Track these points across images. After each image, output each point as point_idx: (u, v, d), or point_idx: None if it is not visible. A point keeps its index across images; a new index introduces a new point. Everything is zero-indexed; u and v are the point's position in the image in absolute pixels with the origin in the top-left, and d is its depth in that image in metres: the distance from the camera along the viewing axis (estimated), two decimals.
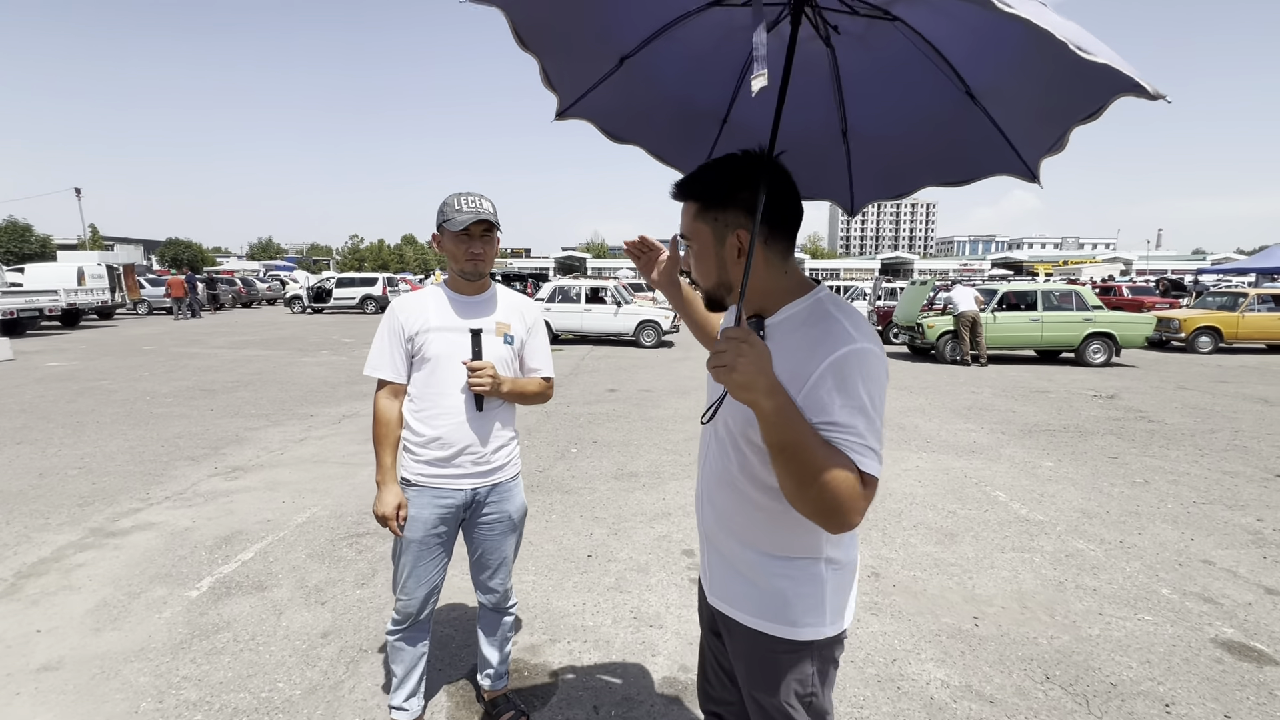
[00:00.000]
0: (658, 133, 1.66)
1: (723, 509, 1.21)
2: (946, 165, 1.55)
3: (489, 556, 2.09)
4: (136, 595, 3.07)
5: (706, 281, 1.17)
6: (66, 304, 16.88)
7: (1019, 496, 4.59)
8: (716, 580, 1.27)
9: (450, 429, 1.91)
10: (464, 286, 1.97)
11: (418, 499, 1.94)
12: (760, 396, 0.93)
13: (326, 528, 3.91)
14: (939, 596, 3.14)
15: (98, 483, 4.69)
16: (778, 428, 0.94)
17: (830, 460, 0.94)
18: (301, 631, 2.77)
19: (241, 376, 9.47)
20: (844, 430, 0.97)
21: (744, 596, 1.21)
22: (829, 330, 1.05)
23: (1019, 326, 11.77)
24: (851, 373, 0.99)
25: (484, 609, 2.21)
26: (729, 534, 1.21)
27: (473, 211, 1.84)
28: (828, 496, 0.94)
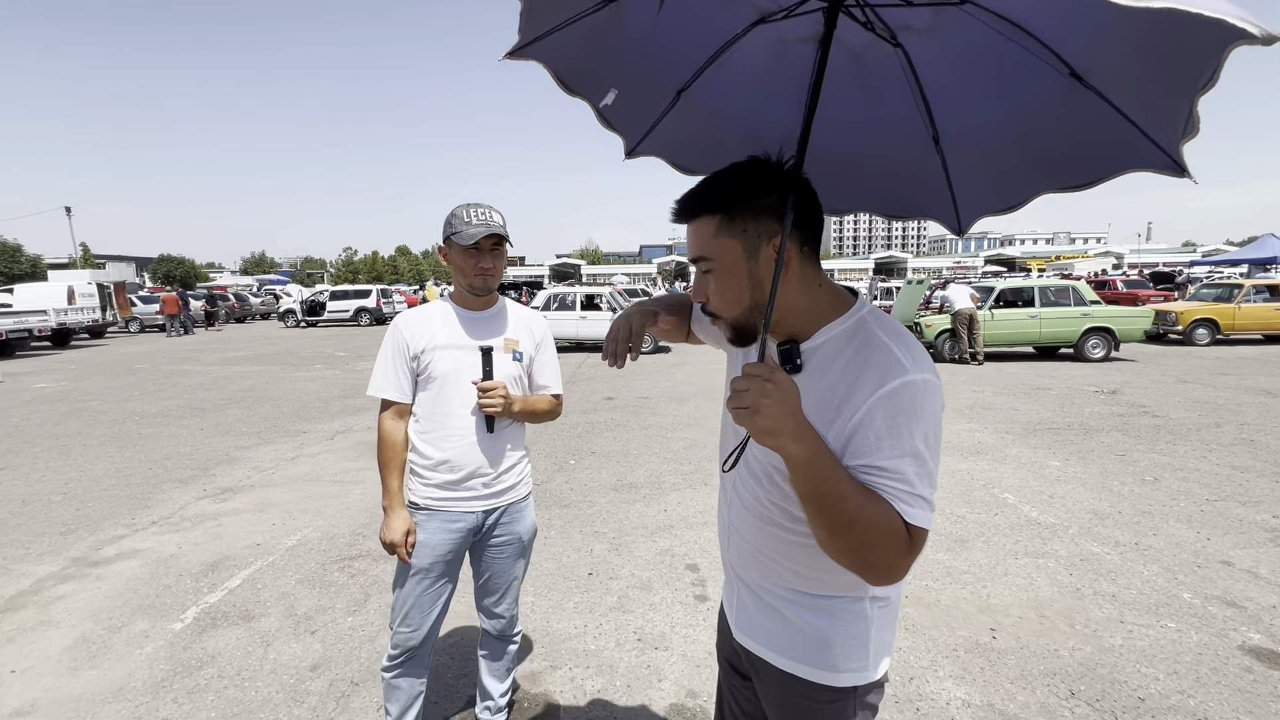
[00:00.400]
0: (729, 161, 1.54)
1: (754, 542, 1.09)
2: (1063, 166, 1.28)
3: (497, 580, 2.00)
4: (117, 630, 2.94)
5: (735, 309, 0.99)
6: (56, 324, 16.71)
7: (1028, 498, 4.49)
8: (745, 617, 1.15)
9: (459, 451, 1.83)
10: (471, 302, 1.90)
11: (426, 524, 1.86)
12: (788, 441, 0.81)
13: (318, 550, 3.78)
14: (953, 608, 3.03)
15: (82, 509, 4.55)
16: (808, 476, 0.83)
17: (869, 510, 0.83)
18: (290, 664, 2.65)
19: (233, 394, 9.33)
20: (889, 476, 0.86)
21: (778, 636, 1.08)
22: (877, 358, 0.91)
23: (1017, 323, 11.70)
24: (904, 410, 0.87)
25: (487, 636, 2.11)
26: (761, 569, 1.09)
27: (483, 224, 1.76)
28: (866, 551, 0.84)
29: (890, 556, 0.84)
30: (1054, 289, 12.07)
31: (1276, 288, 13.58)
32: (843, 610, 1.03)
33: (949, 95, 1.28)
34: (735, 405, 0.81)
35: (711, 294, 1.00)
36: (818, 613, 1.03)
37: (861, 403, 0.88)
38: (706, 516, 4.21)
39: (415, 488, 1.88)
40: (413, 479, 1.89)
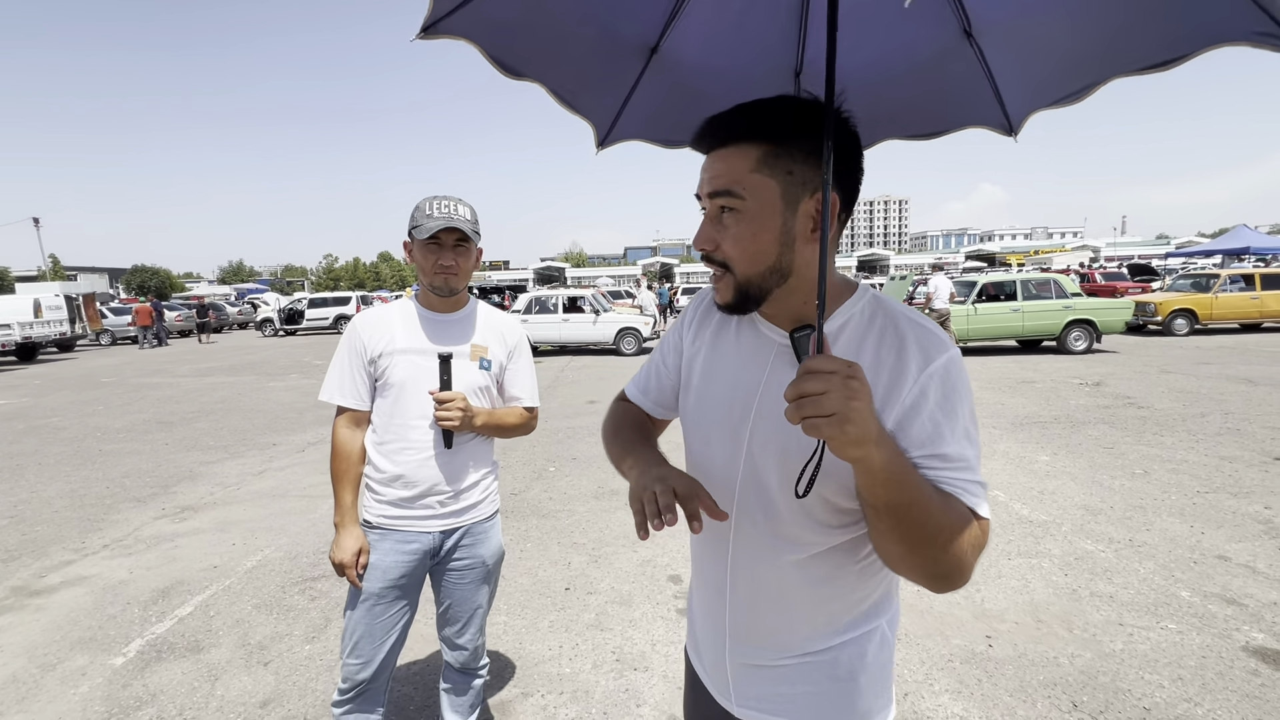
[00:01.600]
0: (569, 65, 1.28)
1: (775, 588, 0.89)
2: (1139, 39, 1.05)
3: (458, 609, 1.82)
4: (51, 667, 2.71)
5: (753, 265, 0.81)
6: (21, 338, 16.19)
7: (1019, 495, 4.39)
8: (749, 686, 0.94)
9: (414, 466, 1.68)
10: (436, 303, 1.73)
11: (379, 544, 1.69)
12: (873, 449, 0.65)
13: (279, 572, 3.57)
14: (947, 614, 2.89)
15: (28, 533, 4.29)
16: (890, 485, 0.69)
17: (949, 514, 0.73)
18: (238, 701, 2.44)
19: (203, 406, 9.02)
20: (956, 467, 0.75)
21: (799, 698, 0.90)
22: (914, 334, 0.79)
23: (1000, 317, 11.71)
24: (955, 388, 0.77)
25: (450, 669, 1.92)
26: (780, 617, 0.89)
27: (443, 218, 1.60)
28: (945, 558, 0.72)
29: (968, 558, 0.73)
30: (1035, 282, 12.10)
31: (1251, 277, 13.75)
32: (867, 640, 0.89)
33: None
34: (810, 414, 0.62)
35: (728, 240, 0.81)
36: (845, 651, 0.89)
37: (911, 383, 0.76)
38: None
39: (369, 504, 1.72)
40: (366, 495, 1.72)
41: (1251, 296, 13.47)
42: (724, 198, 0.81)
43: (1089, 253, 36.89)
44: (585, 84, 1.29)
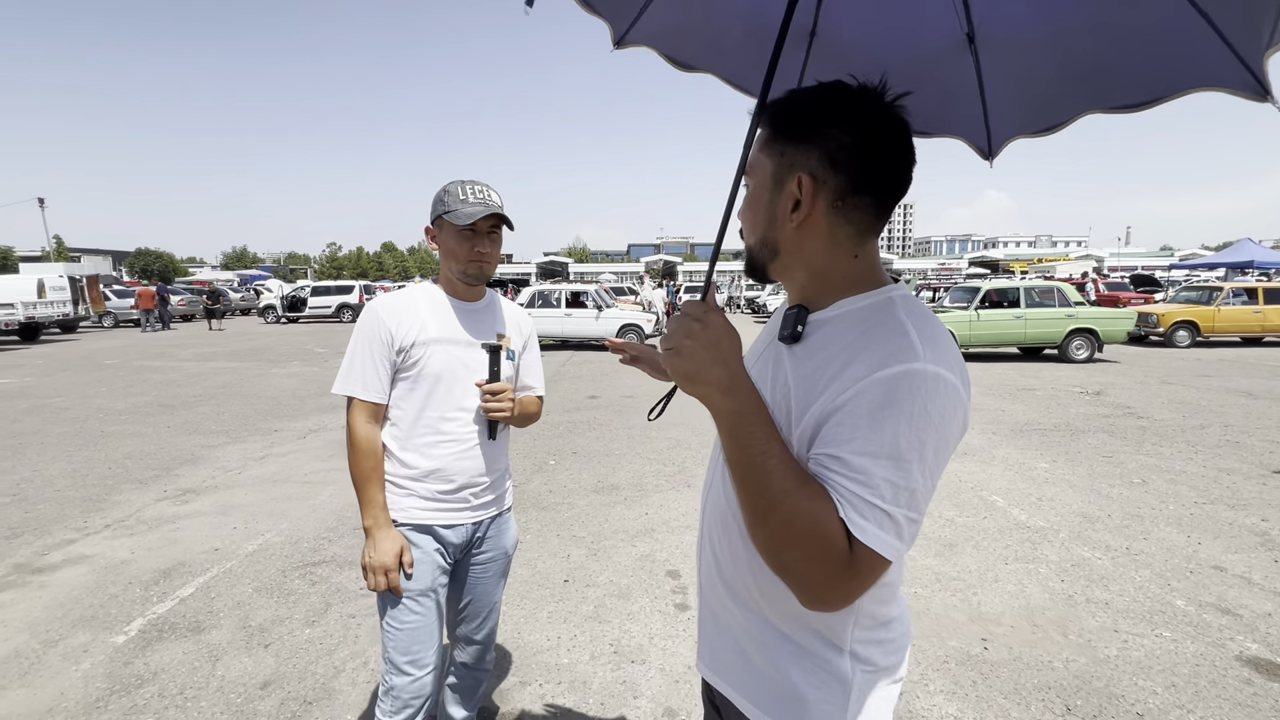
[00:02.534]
0: (733, 54, 1.35)
1: (721, 556, 0.91)
2: (1120, 79, 1.08)
3: (480, 603, 1.76)
4: (54, 643, 2.73)
5: (751, 235, 0.89)
6: (24, 318, 16.20)
7: (1017, 501, 4.40)
8: (711, 648, 0.97)
9: (453, 459, 1.60)
10: (463, 291, 1.67)
11: (418, 541, 1.60)
12: (713, 392, 0.71)
13: (279, 555, 3.59)
14: (943, 616, 2.91)
15: (31, 511, 4.31)
16: (731, 437, 0.71)
17: (797, 500, 0.67)
18: (238, 681, 2.46)
19: (206, 390, 9.04)
20: (846, 473, 0.68)
21: (741, 673, 0.90)
22: (887, 338, 0.73)
23: (1003, 324, 11.71)
24: (898, 403, 0.68)
25: (462, 668, 1.84)
26: (726, 588, 0.91)
27: (481, 203, 1.54)
28: (785, 550, 0.68)
29: (816, 568, 0.67)
30: (1039, 290, 12.10)
31: (1254, 291, 13.75)
32: (816, 663, 0.82)
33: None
34: (663, 345, 0.74)
35: (742, 213, 0.89)
36: (788, 659, 0.84)
37: (850, 384, 0.70)
38: (689, 520, 4.07)
39: (397, 503, 1.59)
40: (394, 496, 1.60)
41: (1254, 310, 13.47)
42: (744, 175, 0.89)
43: (1093, 262, 36.84)
44: (753, 69, 1.34)
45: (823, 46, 1.28)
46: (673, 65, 1.32)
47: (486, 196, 1.56)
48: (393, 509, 1.59)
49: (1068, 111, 1.18)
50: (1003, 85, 1.20)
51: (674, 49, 1.31)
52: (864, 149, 0.77)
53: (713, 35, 1.29)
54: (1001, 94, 1.22)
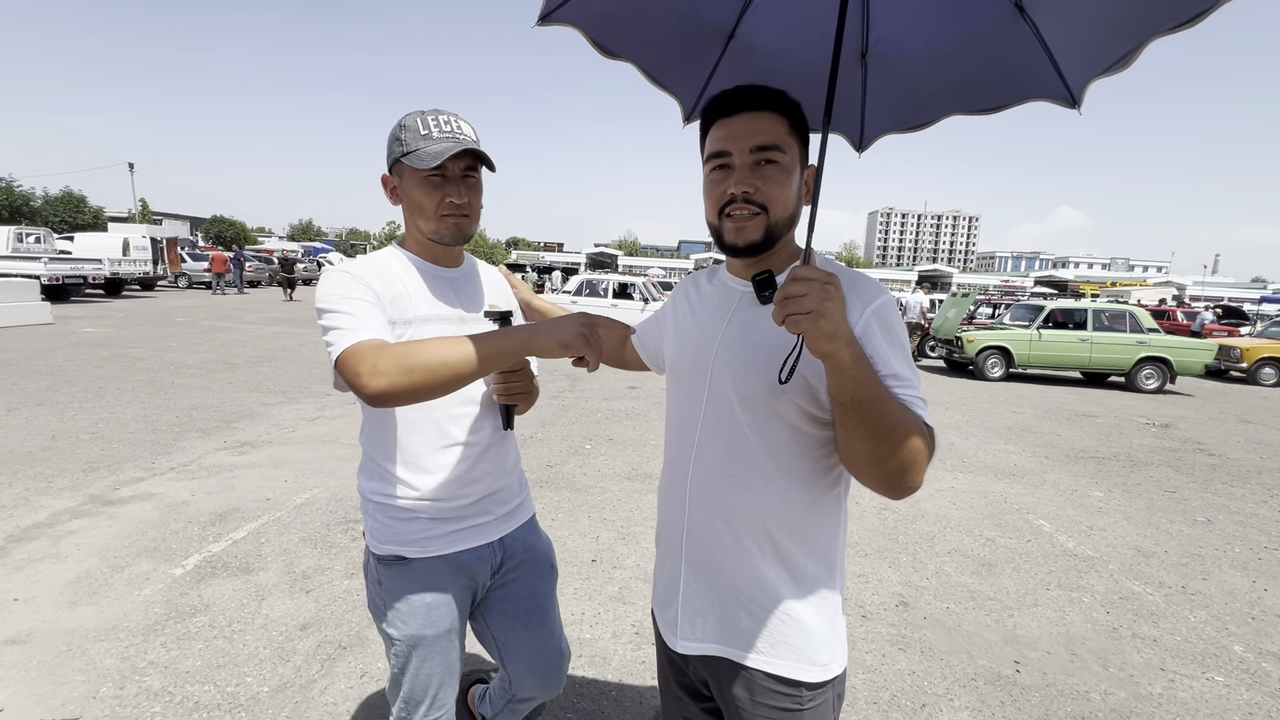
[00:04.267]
0: (656, 46, 1.40)
1: (731, 514, 0.99)
2: (976, 90, 1.34)
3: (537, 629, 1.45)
4: (121, 569, 2.95)
5: (783, 209, 0.96)
6: (110, 273, 17.35)
7: (1065, 527, 4.21)
8: (704, 621, 1.03)
9: (467, 465, 1.29)
10: (441, 255, 1.31)
11: (433, 577, 1.29)
12: (842, 346, 0.78)
13: (324, 510, 3.76)
14: (975, 634, 2.82)
15: (107, 449, 4.64)
16: (859, 380, 0.81)
17: (906, 414, 0.84)
18: (281, 621, 2.60)
19: (266, 352, 9.51)
20: (904, 384, 0.88)
21: (751, 633, 0.98)
22: (856, 282, 0.94)
23: (1066, 346, 11.15)
24: (893, 324, 0.92)
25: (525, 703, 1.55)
26: (736, 548, 0.99)
27: (449, 137, 1.19)
28: (905, 454, 0.83)
29: (922, 459, 0.84)
30: (1109, 313, 11.48)
31: None
32: (823, 587, 0.99)
33: (892, 9, 1.27)
34: (794, 311, 0.76)
35: (770, 185, 0.95)
36: (797, 596, 0.98)
37: (858, 317, 0.90)
38: None
39: (402, 533, 1.27)
40: (393, 522, 1.27)
41: None
42: (772, 150, 0.94)
43: (1173, 289, 34.63)
44: (672, 64, 1.44)
45: (738, 48, 1.38)
46: (596, 49, 1.34)
47: (456, 129, 1.21)
48: (397, 542, 1.27)
49: (936, 113, 1.41)
50: (883, 92, 1.40)
51: (601, 33, 1.32)
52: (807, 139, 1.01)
53: (643, 24, 1.32)
54: (880, 99, 1.42)
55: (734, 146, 0.95)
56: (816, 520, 0.98)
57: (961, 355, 11.66)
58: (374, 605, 1.33)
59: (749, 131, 0.94)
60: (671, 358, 1.16)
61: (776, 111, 0.95)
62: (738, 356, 0.99)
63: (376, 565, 1.30)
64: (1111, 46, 1.14)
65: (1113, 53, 1.14)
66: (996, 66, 1.29)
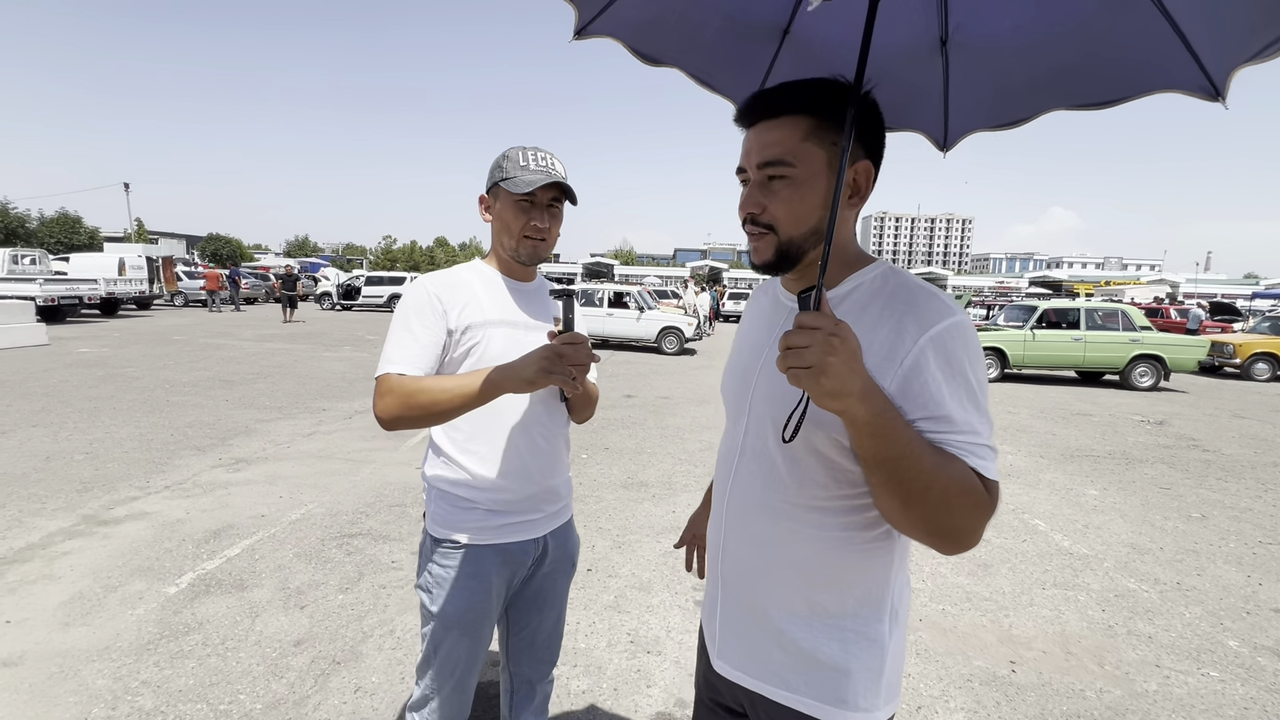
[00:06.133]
0: (703, 50, 1.31)
1: (763, 547, 0.93)
2: (1083, 81, 1.15)
3: (550, 618, 1.58)
4: (114, 589, 2.94)
5: (799, 226, 0.86)
6: (106, 293, 17.33)
7: (1060, 526, 4.22)
8: (739, 644, 0.97)
9: (524, 462, 1.41)
10: (517, 270, 1.46)
11: (477, 566, 1.39)
12: (854, 402, 0.70)
13: (319, 525, 3.76)
14: (971, 635, 2.82)
15: (101, 469, 4.63)
16: (880, 437, 0.73)
17: (945, 471, 0.74)
18: (274, 637, 2.60)
19: (262, 369, 9.51)
20: (957, 430, 0.77)
21: (784, 666, 0.91)
22: (919, 300, 0.82)
23: (1060, 345, 11.20)
24: (958, 352, 0.79)
25: (527, 685, 1.62)
26: (767, 578, 0.92)
27: (542, 171, 1.35)
28: (944, 516, 0.75)
29: (971, 519, 0.76)
30: (1102, 312, 11.54)
31: None
32: (861, 633, 0.89)
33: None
34: (793, 365, 0.69)
35: (778, 204, 0.87)
36: (834, 636, 0.89)
37: (911, 345, 0.79)
38: None
39: (457, 521, 1.40)
40: (452, 510, 1.40)
41: None
42: (776, 166, 0.86)
43: (1166, 287, 34.82)
44: (723, 66, 1.33)
45: (794, 44, 1.26)
46: (639, 58, 1.27)
47: (549, 165, 1.37)
48: (451, 528, 1.40)
49: (1033, 109, 1.23)
50: (969, 85, 1.23)
51: (642, 41, 1.25)
52: (882, 139, 0.89)
53: (687, 29, 1.24)
54: (967, 93, 1.25)
55: (747, 163, 0.89)
56: (857, 559, 0.88)
57: None
58: (422, 584, 1.45)
59: (759, 145, 0.87)
60: (724, 376, 1.09)
61: (796, 114, 0.85)
62: (777, 381, 0.89)
63: (431, 546, 1.43)
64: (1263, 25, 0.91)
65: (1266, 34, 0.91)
66: (1110, 52, 1.08)
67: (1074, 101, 1.18)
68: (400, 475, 4.77)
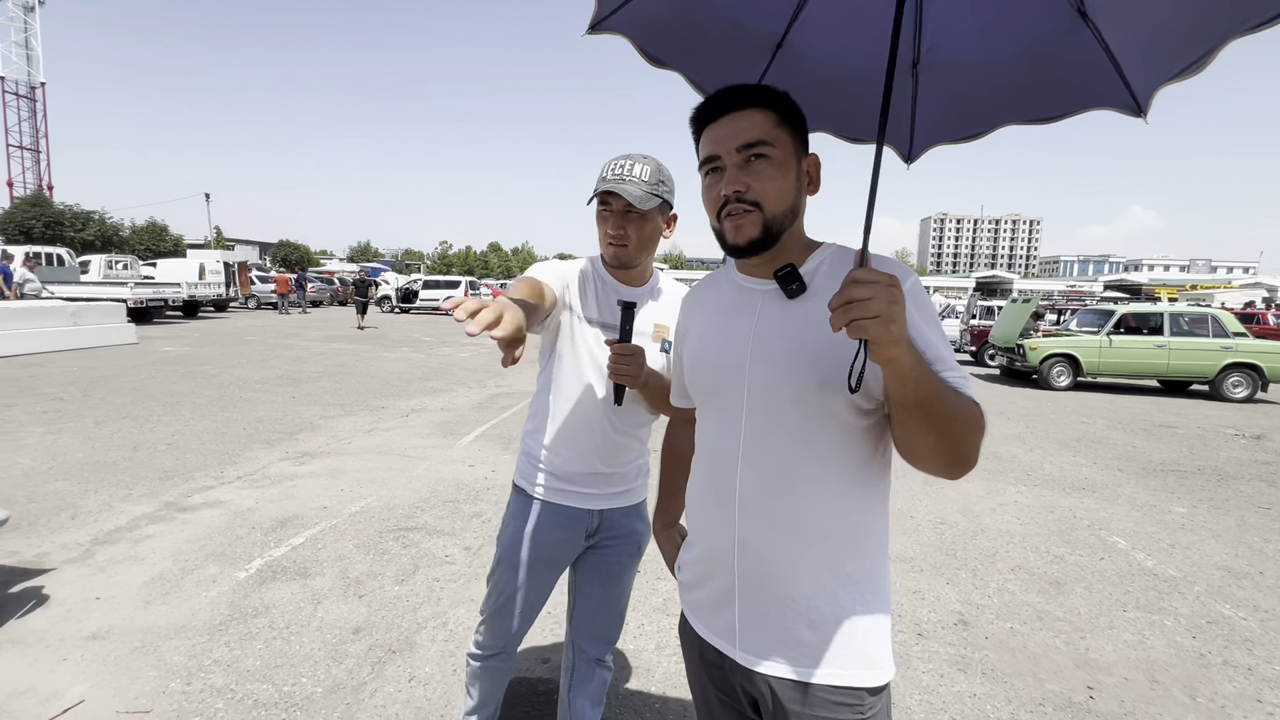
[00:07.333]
0: (704, 56, 1.38)
1: (786, 524, 0.94)
2: (1033, 100, 1.30)
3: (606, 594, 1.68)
4: (190, 571, 3.11)
5: (780, 203, 0.95)
6: (188, 296, 18.58)
7: (1143, 545, 3.92)
8: (764, 635, 0.97)
9: (579, 440, 1.55)
10: (618, 273, 1.55)
11: (533, 514, 1.59)
12: (905, 349, 0.77)
13: (378, 519, 3.88)
14: (1043, 656, 2.65)
15: (181, 459, 4.94)
16: (920, 380, 0.79)
17: (960, 402, 0.83)
18: (335, 624, 2.69)
19: (326, 368, 9.95)
20: (949, 366, 0.87)
21: (813, 644, 0.94)
22: (881, 264, 0.91)
23: (1140, 352, 10.49)
24: (925, 301, 0.91)
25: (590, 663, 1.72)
26: (795, 559, 0.95)
27: (613, 180, 1.41)
28: (963, 444, 0.84)
29: (978, 441, 0.85)
30: (1188, 317, 10.74)
31: None
32: (876, 590, 0.97)
33: (947, 17, 1.23)
34: (859, 316, 0.73)
35: (762, 181, 0.94)
36: (856, 599, 0.95)
37: None
38: None
39: (529, 475, 1.60)
40: (527, 466, 1.62)
41: None
42: (759, 146, 0.93)
43: (1263, 291, 32.11)
44: (718, 74, 1.41)
45: (786, 56, 1.35)
46: (645, 59, 1.33)
47: (623, 173, 1.42)
48: (522, 479, 1.62)
49: (990, 123, 1.37)
50: (934, 102, 1.36)
51: (650, 42, 1.31)
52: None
53: (692, 33, 1.31)
54: (931, 109, 1.38)
55: (721, 149, 0.95)
56: (866, 517, 0.96)
57: (1024, 364, 11.12)
58: (500, 522, 1.68)
59: (734, 131, 0.94)
60: (695, 373, 1.10)
61: (762, 107, 0.95)
62: (779, 356, 0.95)
63: (512, 492, 1.66)
64: (1185, 49, 1.08)
65: (1186, 56, 1.08)
66: (1055, 74, 1.24)
67: (1026, 117, 1.33)
68: (453, 472, 4.88)
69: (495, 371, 10.29)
